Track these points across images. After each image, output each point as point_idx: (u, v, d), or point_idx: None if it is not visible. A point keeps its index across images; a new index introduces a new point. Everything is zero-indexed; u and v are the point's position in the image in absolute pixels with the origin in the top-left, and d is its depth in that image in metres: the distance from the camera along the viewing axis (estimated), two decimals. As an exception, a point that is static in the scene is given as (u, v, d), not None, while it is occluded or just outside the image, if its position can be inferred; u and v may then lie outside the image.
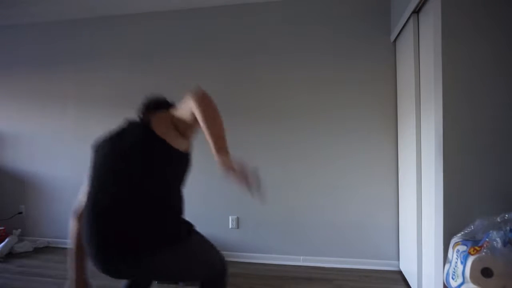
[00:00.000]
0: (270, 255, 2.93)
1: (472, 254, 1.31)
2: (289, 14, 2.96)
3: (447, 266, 1.48)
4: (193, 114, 1.21)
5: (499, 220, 1.37)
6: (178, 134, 1.28)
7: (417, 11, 2.13)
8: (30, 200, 3.50)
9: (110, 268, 1.16)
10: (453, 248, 1.45)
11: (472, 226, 1.45)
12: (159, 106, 1.44)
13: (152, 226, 1.16)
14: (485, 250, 1.28)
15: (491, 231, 1.32)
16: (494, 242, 1.28)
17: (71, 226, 1.36)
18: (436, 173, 1.71)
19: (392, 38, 2.70)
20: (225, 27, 3.08)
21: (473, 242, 1.38)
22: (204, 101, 1.19)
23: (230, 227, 3.02)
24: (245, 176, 1.16)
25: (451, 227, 1.57)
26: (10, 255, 3.13)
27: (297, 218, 2.91)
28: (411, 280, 2.33)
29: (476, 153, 1.61)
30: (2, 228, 3.32)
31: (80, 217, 1.35)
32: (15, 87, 3.54)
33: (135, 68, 3.26)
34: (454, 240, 1.48)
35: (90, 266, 1.30)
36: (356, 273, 2.69)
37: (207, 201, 3.11)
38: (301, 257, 2.90)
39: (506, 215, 1.36)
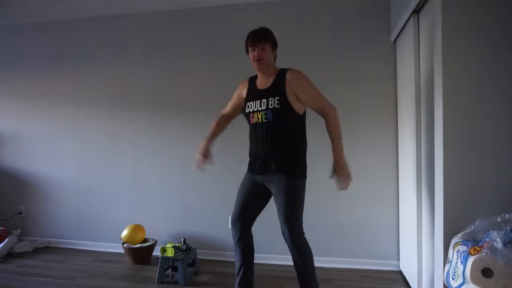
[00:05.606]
0: (270, 255, 2.92)
1: (472, 254, 1.30)
2: (289, 14, 2.95)
3: (447, 266, 1.48)
4: (315, 107, 2.05)
5: (499, 220, 1.37)
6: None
7: (417, 11, 2.12)
8: (30, 200, 3.50)
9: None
10: (453, 248, 1.45)
11: (472, 226, 1.45)
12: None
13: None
14: (485, 250, 1.28)
15: (491, 231, 1.32)
16: (495, 242, 1.28)
17: (216, 120, 2.26)
18: (436, 173, 1.71)
19: (393, 37, 2.69)
20: (224, 27, 3.07)
21: (473, 242, 1.38)
22: (338, 120, 2.03)
23: (230, 227, 3.01)
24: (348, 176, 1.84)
25: (451, 227, 1.57)
26: (9, 255, 3.12)
27: (297, 218, 2.90)
28: (411, 280, 2.33)
29: (476, 152, 1.61)
30: (2, 228, 3.31)
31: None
32: (15, 87, 3.54)
33: (135, 68, 3.25)
34: (454, 240, 1.48)
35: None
36: (356, 273, 2.68)
37: (206, 201, 3.10)
38: (301, 257, 2.89)
39: (506, 215, 1.36)
